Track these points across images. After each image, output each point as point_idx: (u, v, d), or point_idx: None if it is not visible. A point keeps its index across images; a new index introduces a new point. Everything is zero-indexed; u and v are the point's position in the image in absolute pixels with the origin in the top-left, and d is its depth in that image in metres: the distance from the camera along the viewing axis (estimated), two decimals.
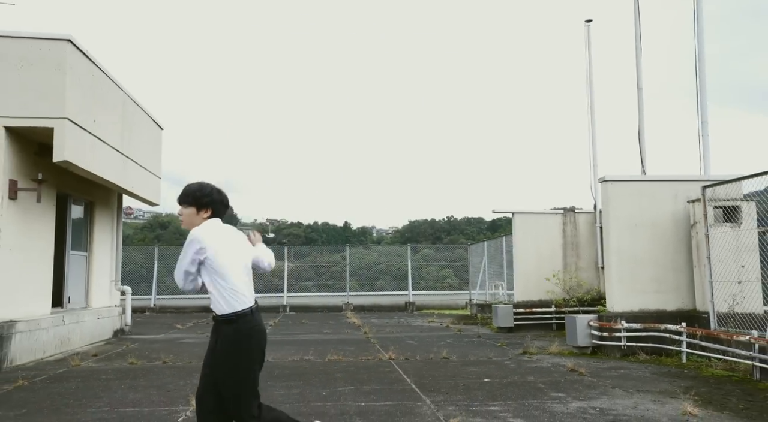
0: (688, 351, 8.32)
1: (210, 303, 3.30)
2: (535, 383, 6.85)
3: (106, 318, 11.63)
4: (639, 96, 11.41)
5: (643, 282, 9.22)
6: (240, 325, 3.20)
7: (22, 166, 8.62)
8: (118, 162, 10.40)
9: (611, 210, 9.37)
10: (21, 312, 8.50)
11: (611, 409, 5.53)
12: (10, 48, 8.25)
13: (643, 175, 10.47)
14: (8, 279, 8.25)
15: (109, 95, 10.01)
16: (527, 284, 13.21)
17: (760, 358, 6.89)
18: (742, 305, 8.33)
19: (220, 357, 3.19)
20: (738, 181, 8.40)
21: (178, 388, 6.59)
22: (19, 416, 5.35)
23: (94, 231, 11.44)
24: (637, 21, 11.42)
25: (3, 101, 8.16)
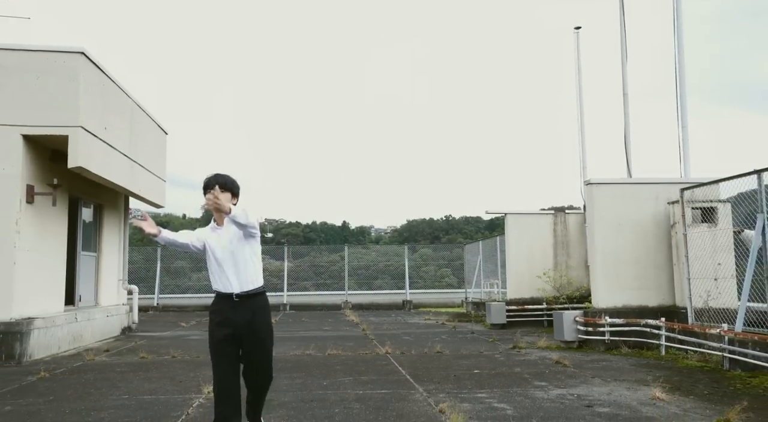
0: (667, 345, 8.88)
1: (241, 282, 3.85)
2: (521, 374, 7.40)
3: (115, 316, 12.17)
4: (625, 102, 11.98)
5: (626, 280, 9.79)
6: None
7: (38, 172, 9.15)
8: (127, 166, 10.94)
9: (595, 211, 9.94)
10: (38, 309, 9.03)
11: (588, 395, 6.08)
12: (27, 60, 8.78)
13: (625, 177, 11.02)
14: (26, 278, 8.78)
15: (118, 103, 10.55)
16: (519, 282, 13.77)
17: (729, 349, 7.45)
18: (718, 300, 8.89)
19: (267, 325, 3.86)
20: (714, 183, 8.97)
21: (188, 379, 7.13)
22: (48, 402, 5.90)
23: (103, 233, 11.98)
24: (623, 30, 11.98)
25: (21, 111, 8.69)
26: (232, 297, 3.91)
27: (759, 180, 7.66)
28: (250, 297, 3.92)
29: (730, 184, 8.77)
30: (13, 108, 8.68)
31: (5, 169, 8.63)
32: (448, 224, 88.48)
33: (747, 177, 8.07)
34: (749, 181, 8.21)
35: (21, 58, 8.77)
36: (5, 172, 8.63)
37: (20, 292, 8.63)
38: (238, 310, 3.89)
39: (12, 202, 8.62)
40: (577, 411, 5.41)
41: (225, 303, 3.92)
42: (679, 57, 10.55)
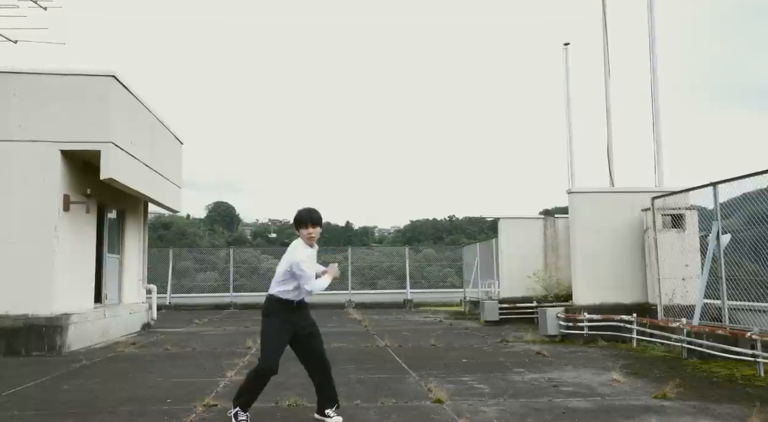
0: (638, 338, 9.97)
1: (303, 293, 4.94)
2: (504, 362, 8.50)
3: (136, 313, 13.31)
4: (608, 116, 13.04)
5: (604, 280, 10.87)
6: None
7: (72, 182, 10.28)
8: (149, 176, 12.07)
9: (576, 217, 11.03)
10: (73, 306, 10.16)
11: (557, 378, 7.17)
12: (65, 83, 9.91)
13: (603, 187, 12.07)
14: (64, 278, 9.91)
15: (142, 118, 11.68)
16: (511, 282, 14.86)
17: (687, 341, 8.54)
18: (685, 298, 9.95)
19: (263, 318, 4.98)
20: (680, 193, 10.06)
21: (211, 366, 8.24)
22: (97, 383, 7.02)
23: (125, 236, 13.12)
24: (606, 49, 13.05)
25: (59, 128, 9.82)
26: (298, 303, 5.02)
27: (714, 191, 8.73)
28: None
29: (702, 192, 9.84)
30: (53, 126, 9.81)
31: (45, 181, 9.76)
32: (452, 225, 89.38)
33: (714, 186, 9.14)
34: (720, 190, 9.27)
35: (60, 81, 9.90)
36: (45, 183, 9.76)
37: (59, 291, 9.76)
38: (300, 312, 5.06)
39: (52, 210, 9.75)
40: (544, 389, 6.51)
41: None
42: (654, 83, 11.61)
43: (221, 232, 74.38)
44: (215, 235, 70.97)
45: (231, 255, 23.74)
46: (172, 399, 6.09)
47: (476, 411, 5.50)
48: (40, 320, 9.43)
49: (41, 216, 9.71)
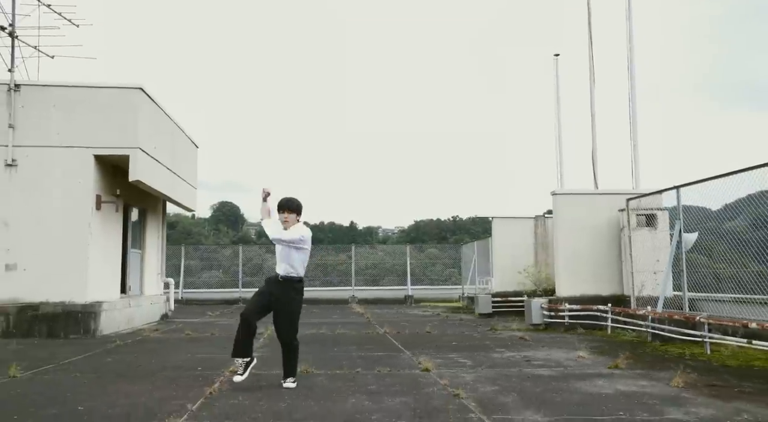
0: (613, 325, 11.14)
1: (282, 269, 6.11)
2: (489, 345, 9.69)
3: (156, 304, 14.56)
4: (593, 122, 14.22)
5: (584, 274, 12.05)
6: (302, 284, 6.14)
7: (103, 184, 11.52)
8: (169, 178, 13.31)
9: (559, 217, 12.21)
10: (103, 295, 11.40)
11: (531, 356, 8.36)
12: (98, 95, 11.15)
13: (584, 188, 13.24)
14: (96, 270, 11.16)
15: (164, 126, 12.92)
16: (504, 277, 16.04)
17: (651, 326, 9.72)
18: (656, 290, 11.10)
19: (294, 301, 6.08)
20: (651, 194, 11.23)
21: (227, 349, 9.41)
22: (134, 357, 8.25)
23: (146, 233, 14.36)
24: (591, 61, 14.23)
25: (93, 136, 11.06)
26: (278, 277, 6.19)
27: (677, 193, 9.91)
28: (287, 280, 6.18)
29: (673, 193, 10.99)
30: (87, 133, 11.05)
31: (80, 182, 11.00)
32: (456, 225, 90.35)
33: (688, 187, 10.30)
34: (691, 191, 10.44)
35: (93, 93, 11.14)
36: (80, 184, 11.00)
37: (91, 281, 10.99)
38: (277, 286, 6.18)
39: (86, 209, 10.99)
40: (517, 363, 7.70)
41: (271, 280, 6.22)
42: (631, 84, 12.77)
43: (226, 232, 75.62)
44: (220, 235, 72.07)
45: (240, 251, 25.01)
46: (201, 367, 7.30)
47: (456, 376, 6.68)
48: (76, 307, 10.68)
49: (77, 214, 10.95)
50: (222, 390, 5.88)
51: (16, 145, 10.80)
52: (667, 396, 5.55)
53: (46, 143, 10.96)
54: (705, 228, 10.25)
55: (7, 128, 10.77)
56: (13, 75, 10.90)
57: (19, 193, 10.80)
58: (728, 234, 9.47)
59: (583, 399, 5.42)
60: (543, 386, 6.08)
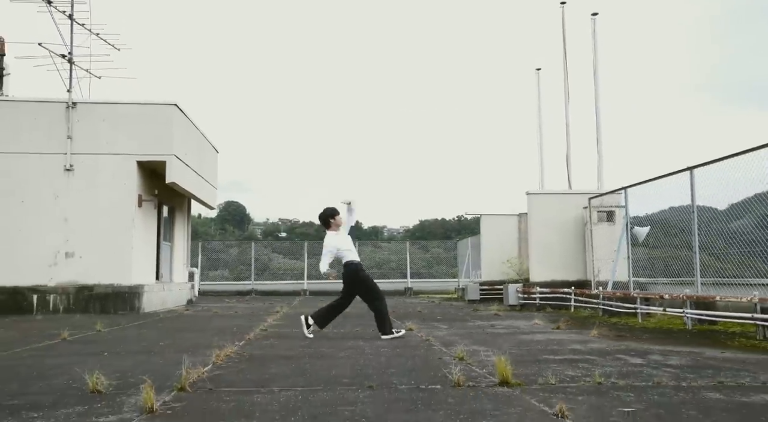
0: (575, 305, 13.35)
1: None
2: (466, 318, 11.92)
3: (183, 290, 16.87)
4: (567, 131, 16.43)
5: (554, 262, 14.27)
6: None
7: (143, 185, 13.82)
8: (196, 179, 15.61)
9: (533, 214, 14.43)
10: (143, 280, 13.69)
11: (497, 324, 10.58)
12: (139, 110, 13.45)
13: (555, 189, 15.45)
14: (138, 259, 13.45)
15: (192, 134, 15.21)
16: (491, 268, 18.27)
17: (602, 303, 11.93)
18: (614, 275, 13.32)
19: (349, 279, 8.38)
20: (611, 193, 13.43)
21: (253, 320, 11.69)
22: (180, 324, 10.53)
23: (175, 228, 16.68)
24: (566, 77, 16.44)
25: (136, 145, 13.35)
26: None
27: (625, 193, 12.11)
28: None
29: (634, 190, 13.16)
30: (131, 143, 13.35)
31: (126, 184, 13.30)
32: (460, 224, 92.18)
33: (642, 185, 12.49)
34: (647, 188, 12.61)
35: (136, 109, 13.44)
36: (126, 186, 13.30)
37: (135, 268, 13.29)
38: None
39: (130, 206, 13.30)
40: (483, 327, 9.93)
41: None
42: (597, 114, 14.98)
43: (232, 231, 77.87)
44: (226, 234, 74.20)
45: (252, 247, 27.40)
46: (236, 329, 9.57)
47: (432, 333, 8.92)
48: (123, 288, 12.98)
49: (122, 211, 13.25)
50: (257, 338, 8.15)
51: (73, 152, 13.10)
52: (580, 340, 7.78)
53: (97, 151, 13.26)
54: (654, 222, 12.47)
55: (66, 139, 13.07)
56: (71, 95, 13.21)
57: (75, 193, 13.11)
58: (672, 227, 11.67)
59: (519, 342, 7.65)
60: (495, 337, 8.32)
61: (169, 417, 3.50)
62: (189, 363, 4.77)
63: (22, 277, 12.63)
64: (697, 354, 6.34)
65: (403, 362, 5.74)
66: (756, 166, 8.00)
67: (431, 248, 41.35)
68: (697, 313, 9.13)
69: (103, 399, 3.97)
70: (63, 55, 13.16)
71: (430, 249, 41.11)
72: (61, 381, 4.70)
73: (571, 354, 6.27)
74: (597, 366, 5.35)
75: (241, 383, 4.60)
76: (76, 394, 4.12)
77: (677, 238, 10.92)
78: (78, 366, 5.28)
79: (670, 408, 3.67)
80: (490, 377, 4.80)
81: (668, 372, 5.10)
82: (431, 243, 44.77)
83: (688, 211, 10.02)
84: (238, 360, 5.86)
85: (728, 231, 9.61)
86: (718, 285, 9.52)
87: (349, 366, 5.48)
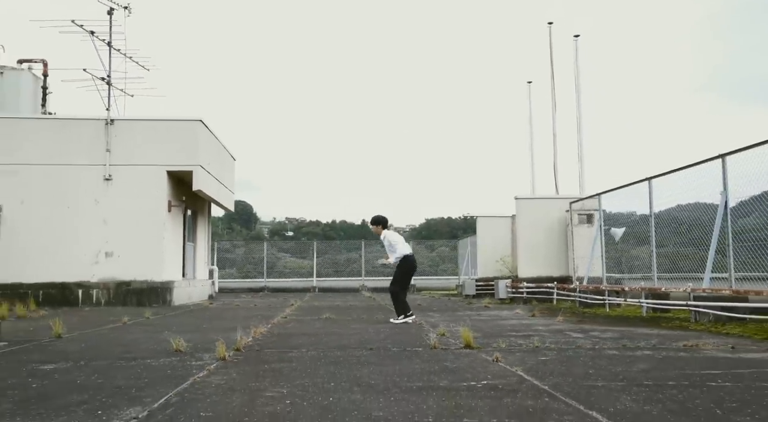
0: (558, 298, 15.13)
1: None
2: (458, 309, 13.71)
3: (205, 286, 18.76)
4: (554, 141, 18.19)
5: (540, 260, 16.05)
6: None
7: (172, 192, 15.69)
8: (217, 186, 17.47)
9: (521, 216, 16.21)
10: (172, 277, 15.57)
11: (484, 313, 12.38)
12: (169, 126, 15.31)
13: (542, 193, 17.22)
14: (168, 258, 15.32)
15: (213, 145, 17.08)
16: (486, 265, 20.05)
17: (579, 296, 13.71)
18: (592, 272, 15.09)
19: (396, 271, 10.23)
20: (590, 198, 15.19)
21: (272, 311, 13.53)
22: (209, 314, 12.39)
23: (197, 229, 18.56)
24: (553, 90, 18.19)
25: (166, 156, 15.21)
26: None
27: (599, 199, 13.88)
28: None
29: (608, 195, 14.93)
30: (161, 155, 15.21)
31: (157, 191, 15.17)
32: (466, 223, 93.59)
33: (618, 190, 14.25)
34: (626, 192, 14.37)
35: (166, 124, 15.31)
36: (157, 193, 15.17)
37: (166, 266, 15.17)
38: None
39: (161, 211, 15.17)
40: (471, 315, 11.72)
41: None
42: (580, 129, 16.73)
43: (239, 230, 79.76)
44: (233, 233, 76.01)
45: (265, 247, 29.30)
46: (260, 317, 11.40)
47: (425, 319, 10.73)
48: (156, 284, 14.86)
49: (155, 215, 15.13)
50: (280, 323, 9.98)
51: (111, 164, 14.98)
52: (545, 324, 9.57)
53: (132, 162, 15.13)
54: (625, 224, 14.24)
55: (105, 152, 14.96)
56: (109, 113, 15.09)
57: (113, 199, 14.99)
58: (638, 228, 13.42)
59: (496, 325, 9.44)
60: (477, 321, 10.12)
61: (236, 363, 5.32)
62: (235, 337, 6.60)
63: (69, 274, 14.54)
64: (630, 331, 8.13)
65: (397, 336, 7.57)
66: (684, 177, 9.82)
67: (437, 247, 43.16)
68: (651, 302, 10.90)
69: (185, 354, 5.81)
70: (102, 77, 15.05)
71: (436, 248, 42.93)
72: (149, 345, 6.55)
73: (530, 332, 8.07)
74: (543, 338, 7.15)
75: (277, 347, 6.43)
76: (166, 352, 5.96)
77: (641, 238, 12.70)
78: (151, 339, 7.13)
79: (573, 359, 5.47)
80: (459, 344, 6.61)
81: (593, 341, 6.90)
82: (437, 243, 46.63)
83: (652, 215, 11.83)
84: (270, 335, 7.70)
85: (679, 231, 11.43)
86: (672, 280, 11.32)
87: (355, 338, 7.30)
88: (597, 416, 3.22)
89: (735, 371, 4.70)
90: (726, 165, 9.45)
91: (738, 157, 9.37)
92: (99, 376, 4.60)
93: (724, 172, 9.43)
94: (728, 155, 9.40)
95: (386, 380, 4.35)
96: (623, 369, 4.85)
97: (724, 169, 9.44)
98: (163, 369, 4.91)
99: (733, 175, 9.49)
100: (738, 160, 9.42)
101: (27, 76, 16.58)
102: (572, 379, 4.34)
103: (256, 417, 3.23)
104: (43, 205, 14.70)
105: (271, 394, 3.84)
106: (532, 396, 3.74)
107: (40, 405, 3.59)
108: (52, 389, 4.11)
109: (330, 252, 33.71)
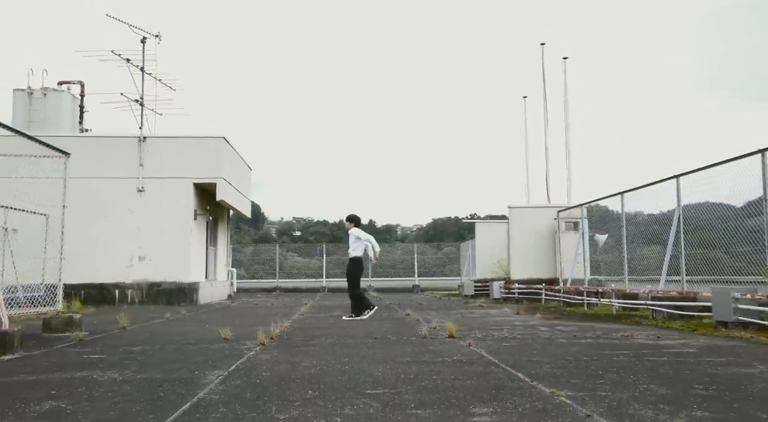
0: (546, 298, 16.89)
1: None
2: (455, 308, 15.49)
3: (225, 287, 20.64)
4: (546, 154, 19.93)
5: (530, 263, 17.81)
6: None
7: (197, 202, 17.54)
8: (236, 195, 19.33)
9: (513, 223, 17.97)
10: (197, 278, 17.43)
11: (476, 311, 14.15)
12: (195, 143, 17.17)
13: (533, 203, 18.96)
14: (193, 261, 17.18)
15: (234, 158, 18.93)
16: (484, 268, 21.83)
17: (563, 296, 15.47)
18: (577, 274, 16.83)
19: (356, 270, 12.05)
20: (577, 207, 16.95)
21: (289, 309, 15.36)
22: (233, 311, 14.22)
23: (218, 234, 20.42)
24: (545, 105, 19.93)
25: (192, 170, 17.06)
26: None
27: (581, 208, 15.63)
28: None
29: (594, 204, 16.70)
30: (188, 168, 17.07)
31: (185, 201, 17.03)
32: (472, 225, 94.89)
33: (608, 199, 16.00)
34: (607, 202, 16.12)
35: (192, 141, 17.17)
36: (185, 203, 17.03)
37: (192, 268, 17.03)
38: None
39: (188, 219, 17.03)
40: (463, 313, 13.51)
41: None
42: (567, 136, 18.47)
43: (247, 230, 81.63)
44: (241, 234, 77.84)
45: (277, 250, 31.21)
46: (280, 314, 13.23)
47: (423, 317, 12.51)
48: (184, 285, 16.73)
49: (182, 223, 16.99)
50: (298, 319, 11.81)
51: (143, 177, 16.85)
52: (523, 320, 11.34)
53: (162, 175, 17.00)
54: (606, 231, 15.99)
55: (138, 166, 16.83)
56: (142, 131, 16.97)
57: (146, 208, 16.86)
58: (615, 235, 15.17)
59: (483, 321, 11.22)
60: (468, 318, 11.90)
61: (274, 347, 7.14)
62: (265, 331, 8.42)
63: (106, 276, 16.43)
64: (591, 326, 9.89)
65: (396, 329, 9.37)
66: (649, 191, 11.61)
67: (444, 247, 44.91)
68: (621, 302, 12.65)
69: (232, 341, 7.63)
70: (136, 99, 16.90)
71: (443, 248, 44.67)
72: (201, 335, 8.39)
73: (507, 326, 9.85)
74: (514, 331, 8.93)
75: (301, 336, 8.25)
76: (216, 339, 7.79)
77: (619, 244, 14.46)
78: (199, 330, 8.96)
79: (528, 345, 7.25)
80: (444, 335, 8.40)
81: (553, 333, 8.67)
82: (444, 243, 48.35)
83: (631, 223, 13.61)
84: (293, 329, 9.52)
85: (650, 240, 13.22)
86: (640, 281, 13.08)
87: (362, 331, 9.11)
88: (520, 375, 5.00)
89: (639, 351, 6.47)
90: (680, 184, 11.22)
91: (690, 177, 11.15)
92: (179, 354, 6.43)
93: (678, 191, 11.20)
94: (682, 176, 11.15)
95: (385, 357, 6.15)
96: (562, 352, 6.62)
97: (678, 188, 11.20)
98: (221, 351, 6.73)
99: (686, 192, 11.29)
100: (691, 180, 11.21)
101: (66, 97, 18.48)
102: (517, 357, 6.12)
103: (300, 374, 5.04)
104: (83, 214, 16.57)
105: (306, 364, 5.65)
106: (483, 365, 5.53)
107: (155, 368, 5.42)
108: (153, 360, 5.94)
109: (338, 253, 35.50)
